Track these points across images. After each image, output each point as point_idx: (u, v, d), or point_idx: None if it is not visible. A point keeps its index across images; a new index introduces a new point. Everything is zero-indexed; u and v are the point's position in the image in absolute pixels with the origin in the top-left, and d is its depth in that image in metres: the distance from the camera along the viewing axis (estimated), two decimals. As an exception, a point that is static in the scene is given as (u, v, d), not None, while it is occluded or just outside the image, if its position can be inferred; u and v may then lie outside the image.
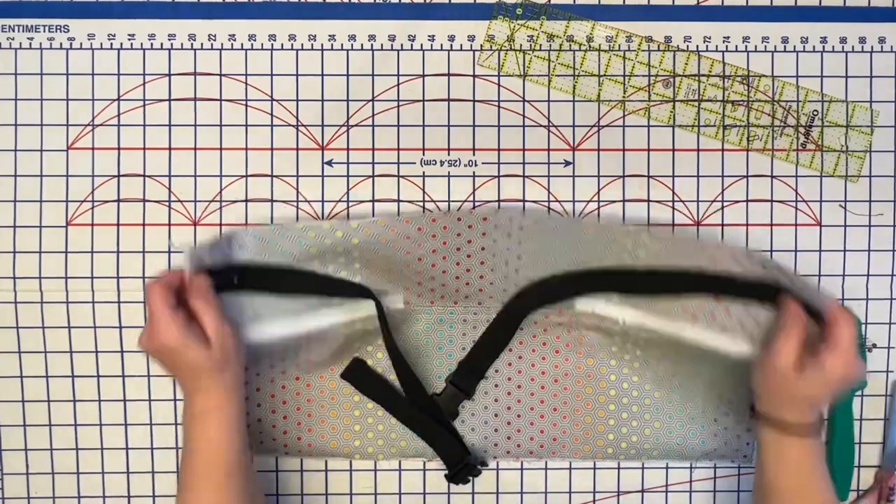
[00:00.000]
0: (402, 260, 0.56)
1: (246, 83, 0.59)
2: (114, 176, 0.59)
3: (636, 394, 0.59)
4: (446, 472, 0.58)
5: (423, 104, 0.59)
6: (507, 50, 0.59)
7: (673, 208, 0.59)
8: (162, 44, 0.58)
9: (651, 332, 0.56)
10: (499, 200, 0.59)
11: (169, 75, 0.59)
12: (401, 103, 0.59)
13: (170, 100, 0.59)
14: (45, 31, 0.58)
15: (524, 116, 0.59)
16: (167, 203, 0.59)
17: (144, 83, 0.59)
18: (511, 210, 0.58)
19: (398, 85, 0.59)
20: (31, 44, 0.58)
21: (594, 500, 0.61)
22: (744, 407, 0.57)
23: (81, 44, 0.58)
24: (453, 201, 0.59)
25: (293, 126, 0.59)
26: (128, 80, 0.58)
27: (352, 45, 0.59)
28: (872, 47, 0.59)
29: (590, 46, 0.59)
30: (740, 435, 0.59)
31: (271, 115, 0.59)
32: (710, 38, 0.59)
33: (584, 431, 0.59)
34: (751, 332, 0.53)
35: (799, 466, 0.50)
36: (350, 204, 0.59)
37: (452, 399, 0.58)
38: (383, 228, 0.55)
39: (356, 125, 0.59)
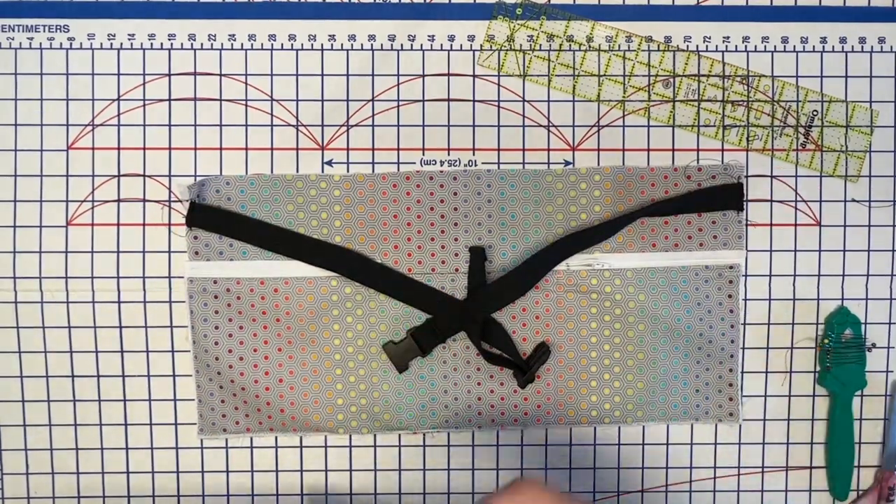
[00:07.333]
0: (380, 217, 0.58)
1: (246, 83, 0.59)
2: (114, 176, 0.59)
3: (618, 355, 0.59)
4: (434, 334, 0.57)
5: (423, 104, 0.59)
6: (507, 50, 0.59)
7: (673, 208, 0.59)
8: (162, 44, 0.58)
9: (626, 274, 0.58)
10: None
11: (169, 75, 0.59)
12: (401, 103, 0.59)
13: (170, 100, 0.59)
14: (45, 31, 0.58)
15: (524, 116, 0.59)
16: (167, 203, 0.59)
17: (144, 83, 0.59)
18: (479, 170, 0.59)
19: (398, 85, 0.59)
20: (31, 44, 0.58)
21: (594, 500, 0.61)
22: (726, 360, 0.59)
23: (81, 44, 0.58)
24: (453, 201, 0.59)
25: (293, 126, 0.59)
26: (128, 80, 0.59)
27: (352, 45, 0.59)
28: (872, 47, 0.59)
29: (590, 46, 0.59)
30: (722, 390, 0.59)
31: (271, 115, 0.59)
32: (710, 38, 0.59)
33: (567, 396, 0.59)
34: (724, 240, 0.58)
35: None
36: (350, 204, 0.59)
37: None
38: (361, 183, 0.58)
39: (356, 125, 0.59)
